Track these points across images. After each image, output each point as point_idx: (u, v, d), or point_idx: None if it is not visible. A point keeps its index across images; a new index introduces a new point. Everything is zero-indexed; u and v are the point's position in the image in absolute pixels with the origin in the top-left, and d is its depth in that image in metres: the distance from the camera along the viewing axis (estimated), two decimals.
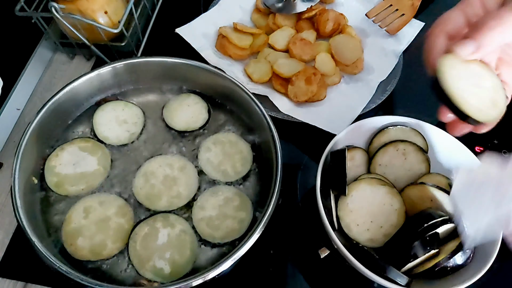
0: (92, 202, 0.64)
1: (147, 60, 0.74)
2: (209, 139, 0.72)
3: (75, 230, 0.62)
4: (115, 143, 0.71)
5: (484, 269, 0.57)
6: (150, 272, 0.59)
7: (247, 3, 0.97)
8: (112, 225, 0.63)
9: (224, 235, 0.63)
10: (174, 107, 0.75)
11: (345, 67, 0.88)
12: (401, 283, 0.57)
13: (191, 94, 0.76)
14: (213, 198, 0.66)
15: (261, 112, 0.69)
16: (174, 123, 0.73)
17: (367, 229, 0.63)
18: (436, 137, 0.72)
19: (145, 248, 0.61)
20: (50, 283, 0.65)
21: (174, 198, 0.66)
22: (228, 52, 0.88)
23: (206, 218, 0.64)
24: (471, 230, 0.54)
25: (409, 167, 0.71)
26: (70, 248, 0.61)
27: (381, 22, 0.94)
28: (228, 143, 0.72)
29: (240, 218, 0.64)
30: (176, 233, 0.62)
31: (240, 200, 0.66)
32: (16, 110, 0.82)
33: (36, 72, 0.88)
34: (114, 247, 0.61)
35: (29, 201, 0.62)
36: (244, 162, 0.70)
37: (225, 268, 0.55)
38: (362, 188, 0.65)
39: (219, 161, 0.70)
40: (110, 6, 0.82)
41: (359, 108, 0.81)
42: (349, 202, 0.64)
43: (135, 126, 0.73)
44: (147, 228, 0.62)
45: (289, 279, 0.68)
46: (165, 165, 0.68)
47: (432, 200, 0.64)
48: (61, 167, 0.67)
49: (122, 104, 0.75)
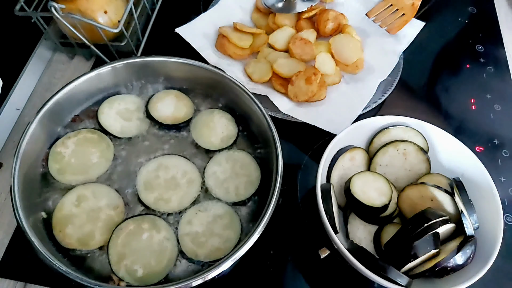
0: (86, 191, 0.64)
1: (147, 60, 0.74)
2: (222, 153, 0.71)
3: (65, 217, 0.62)
4: (119, 134, 0.71)
5: (484, 269, 0.57)
6: (123, 271, 0.59)
7: (247, 3, 0.97)
8: (102, 216, 0.63)
9: (208, 254, 0.61)
10: (201, 126, 0.73)
11: (345, 67, 0.88)
12: (401, 283, 0.57)
13: (220, 110, 0.75)
14: (203, 213, 0.64)
15: (261, 112, 0.69)
16: (202, 142, 0.72)
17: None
18: (437, 137, 0.72)
19: (125, 245, 0.60)
20: (50, 283, 0.65)
21: (163, 201, 0.65)
22: (228, 52, 0.88)
23: (192, 234, 0.62)
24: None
25: (409, 167, 0.71)
26: (58, 234, 0.61)
27: (381, 22, 0.94)
28: (240, 163, 0.69)
29: (226, 238, 0.62)
30: (159, 239, 0.62)
31: (230, 219, 0.64)
32: (16, 110, 0.82)
33: (35, 72, 0.88)
34: (101, 239, 0.61)
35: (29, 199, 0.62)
36: (248, 187, 0.67)
37: (225, 268, 0.55)
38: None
39: (225, 178, 0.68)
40: (110, 6, 0.82)
41: (359, 108, 0.81)
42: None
43: (141, 121, 0.73)
44: (133, 226, 0.62)
45: (289, 279, 0.68)
46: (181, 167, 0.68)
47: (433, 200, 0.64)
48: (64, 155, 0.67)
49: (129, 98, 0.75)
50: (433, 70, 0.96)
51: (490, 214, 0.63)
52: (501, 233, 0.61)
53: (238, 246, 0.57)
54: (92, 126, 0.72)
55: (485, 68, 0.97)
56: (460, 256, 0.58)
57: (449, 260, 0.57)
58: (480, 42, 1.01)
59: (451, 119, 0.88)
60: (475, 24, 1.05)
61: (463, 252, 0.58)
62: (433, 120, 0.82)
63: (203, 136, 0.72)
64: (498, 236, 0.60)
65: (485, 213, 0.64)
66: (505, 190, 0.78)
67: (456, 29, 1.04)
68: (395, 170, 0.71)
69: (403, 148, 0.70)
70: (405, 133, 0.72)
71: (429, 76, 0.95)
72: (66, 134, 0.70)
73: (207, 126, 0.73)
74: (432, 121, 0.72)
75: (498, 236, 0.60)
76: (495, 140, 0.85)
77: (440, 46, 1.00)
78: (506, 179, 0.80)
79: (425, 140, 0.72)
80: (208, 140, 0.72)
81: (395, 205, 0.67)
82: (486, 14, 1.07)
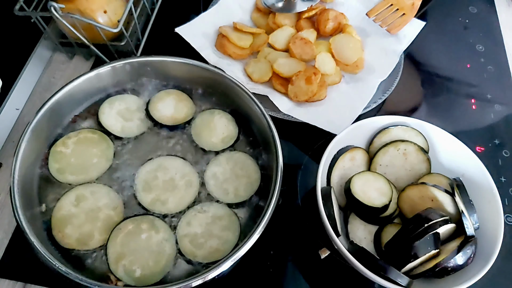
0: (85, 191, 0.64)
1: (147, 59, 0.74)
2: (223, 154, 0.70)
3: (64, 217, 0.62)
4: (120, 134, 0.71)
5: (485, 270, 0.57)
6: (121, 271, 0.59)
7: (247, 3, 0.97)
8: (102, 216, 0.62)
9: (206, 255, 0.61)
10: (201, 127, 0.73)
11: (345, 67, 0.88)
12: (401, 283, 0.57)
13: (220, 111, 0.75)
14: (202, 214, 0.64)
15: (261, 112, 0.69)
16: (202, 142, 0.71)
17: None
18: (437, 137, 0.71)
19: (124, 245, 0.60)
20: (49, 284, 0.65)
21: (160, 202, 0.65)
22: (228, 51, 0.87)
23: (190, 235, 0.62)
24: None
25: (410, 167, 0.71)
26: (57, 234, 0.61)
27: (382, 22, 0.94)
28: (240, 164, 0.69)
29: (225, 239, 0.62)
30: (158, 239, 0.61)
31: (229, 220, 0.64)
32: (15, 110, 0.82)
33: (35, 71, 0.88)
34: (100, 239, 0.61)
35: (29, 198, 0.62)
36: (248, 188, 0.67)
37: (225, 268, 0.55)
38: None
39: (224, 179, 0.68)
40: (109, 6, 0.82)
41: (359, 107, 0.81)
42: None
43: (141, 121, 0.73)
44: (132, 226, 0.62)
45: (289, 279, 0.68)
46: (180, 169, 0.67)
47: (433, 200, 0.64)
48: (65, 155, 0.67)
49: (129, 98, 0.75)
50: (433, 70, 0.96)
51: (490, 214, 0.63)
52: (502, 233, 0.61)
53: (238, 247, 0.57)
54: (92, 126, 0.72)
55: (486, 68, 0.97)
56: (460, 257, 0.57)
57: (450, 261, 0.57)
58: (480, 42, 1.01)
59: (451, 119, 0.88)
60: (475, 24, 1.05)
61: (463, 252, 0.58)
62: (433, 120, 0.82)
63: (204, 137, 0.72)
64: (498, 236, 0.60)
65: (485, 213, 0.64)
66: (505, 190, 0.78)
67: (456, 29, 1.04)
68: (396, 170, 0.71)
69: (403, 148, 0.70)
70: (406, 133, 0.71)
71: (429, 76, 0.95)
72: (66, 134, 0.69)
73: (207, 126, 0.73)
74: (432, 121, 0.72)
75: (499, 236, 0.60)
76: (495, 140, 0.85)
77: (440, 46, 1.00)
78: (506, 179, 0.79)
79: (425, 140, 0.71)
80: (209, 140, 0.72)
81: (396, 205, 0.67)
82: (486, 14, 1.07)
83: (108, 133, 0.71)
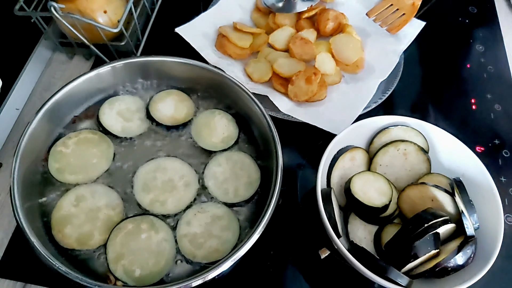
0: (85, 191, 0.64)
1: (147, 59, 0.74)
2: (223, 154, 0.70)
3: (64, 217, 0.62)
4: (120, 134, 0.71)
5: (485, 270, 0.57)
6: (121, 271, 0.59)
7: (247, 3, 0.97)
8: (101, 216, 0.62)
9: (206, 255, 0.61)
10: (202, 126, 0.73)
11: (345, 67, 0.88)
12: (401, 283, 0.57)
13: (220, 111, 0.75)
14: (201, 214, 0.64)
15: (261, 112, 0.69)
16: (203, 142, 0.71)
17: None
18: (437, 137, 0.71)
19: (123, 245, 0.60)
20: (49, 284, 0.65)
21: (158, 202, 0.65)
22: (228, 51, 0.87)
23: (190, 235, 0.62)
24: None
25: (409, 167, 0.71)
26: (57, 234, 0.61)
27: (382, 22, 0.94)
28: (240, 164, 0.69)
29: (225, 239, 0.62)
30: (157, 239, 0.61)
31: (229, 220, 0.64)
32: (15, 110, 0.82)
33: (35, 71, 0.88)
34: (100, 239, 0.61)
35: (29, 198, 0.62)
36: (248, 188, 0.67)
37: (225, 268, 0.55)
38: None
39: (224, 178, 0.68)
40: (109, 6, 0.82)
41: (359, 107, 0.81)
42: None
43: (141, 121, 0.73)
44: (131, 226, 0.62)
45: (289, 279, 0.68)
46: (179, 170, 0.67)
47: (433, 200, 0.64)
48: (65, 154, 0.67)
49: (129, 98, 0.75)
50: (433, 70, 0.96)
51: (490, 214, 0.63)
52: (502, 233, 0.60)
53: (238, 247, 0.56)
54: (92, 127, 0.72)
55: (486, 68, 0.96)
56: (460, 256, 0.57)
57: (450, 261, 0.57)
58: (480, 42, 1.01)
59: (451, 119, 0.88)
60: (475, 24, 1.05)
61: (463, 252, 0.58)
62: (433, 120, 0.82)
63: (204, 137, 0.72)
64: (498, 236, 0.60)
65: (485, 213, 0.64)
66: (505, 190, 0.78)
67: (456, 29, 1.04)
68: (396, 170, 0.71)
69: (403, 148, 0.70)
70: (406, 133, 0.71)
71: (430, 76, 0.95)
72: (67, 134, 0.69)
73: (207, 126, 0.73)
74: (432, 121, 0.72)
75: (499, 236, 0.60)
76: (495, 140, 0.85)
77: (440, 46, 1.00)
78: (506, 179, 0.79)
79: (425, 140, 0.71)
80: (209, 140, 0.71)
81: (396, 205, 0.67)
82: (486, 14, 1.07)
83: (108, 133, 0.71)
